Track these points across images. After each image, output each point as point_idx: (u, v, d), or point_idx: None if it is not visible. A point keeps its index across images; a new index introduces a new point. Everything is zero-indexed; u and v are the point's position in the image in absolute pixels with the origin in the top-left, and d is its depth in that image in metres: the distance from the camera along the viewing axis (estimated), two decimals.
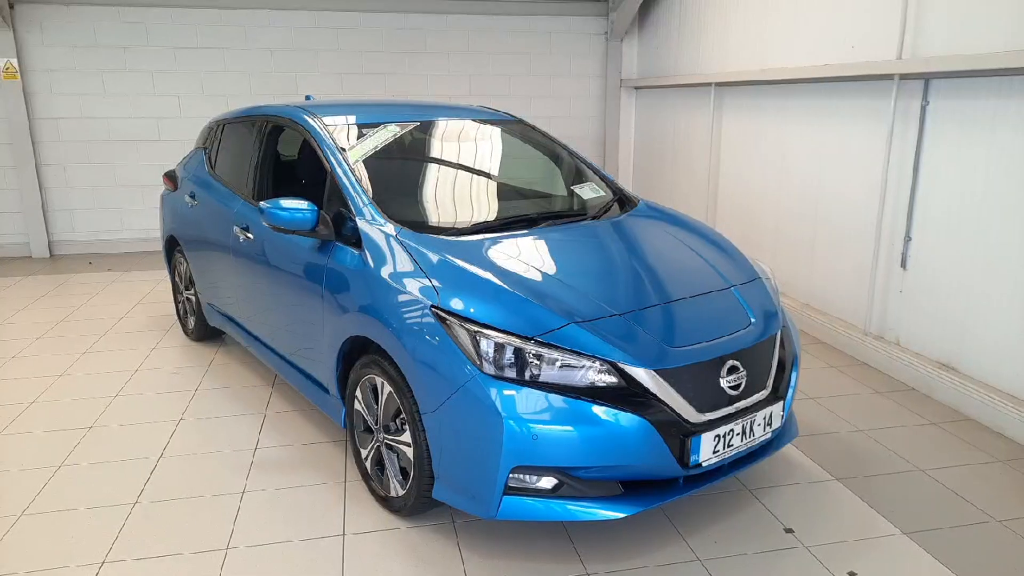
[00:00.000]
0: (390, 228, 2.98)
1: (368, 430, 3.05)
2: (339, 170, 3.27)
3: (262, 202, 3.20)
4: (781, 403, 2.78)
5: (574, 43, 8.33)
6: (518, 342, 2.45)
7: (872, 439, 3.59)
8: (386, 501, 2.93)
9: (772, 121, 5.70)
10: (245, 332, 4.13)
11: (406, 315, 2.67)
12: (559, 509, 2.45)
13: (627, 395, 2.44)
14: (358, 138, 3.50)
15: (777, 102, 5.62)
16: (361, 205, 3.11)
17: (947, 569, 2.61)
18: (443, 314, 2.56)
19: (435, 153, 3.75)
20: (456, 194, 3.52)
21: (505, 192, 3.75)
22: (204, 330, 4.85)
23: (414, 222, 3.09)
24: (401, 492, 2.85)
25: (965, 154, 3.96)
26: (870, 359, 4.60)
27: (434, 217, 3.30)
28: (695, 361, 2.54)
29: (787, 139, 5.51)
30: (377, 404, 2.93)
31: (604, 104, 8.49)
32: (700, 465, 2.53)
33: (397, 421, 2.83)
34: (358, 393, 3.04)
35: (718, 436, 2.54)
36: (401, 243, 2.90)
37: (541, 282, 2.71)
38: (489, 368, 2.44)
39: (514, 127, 4.12)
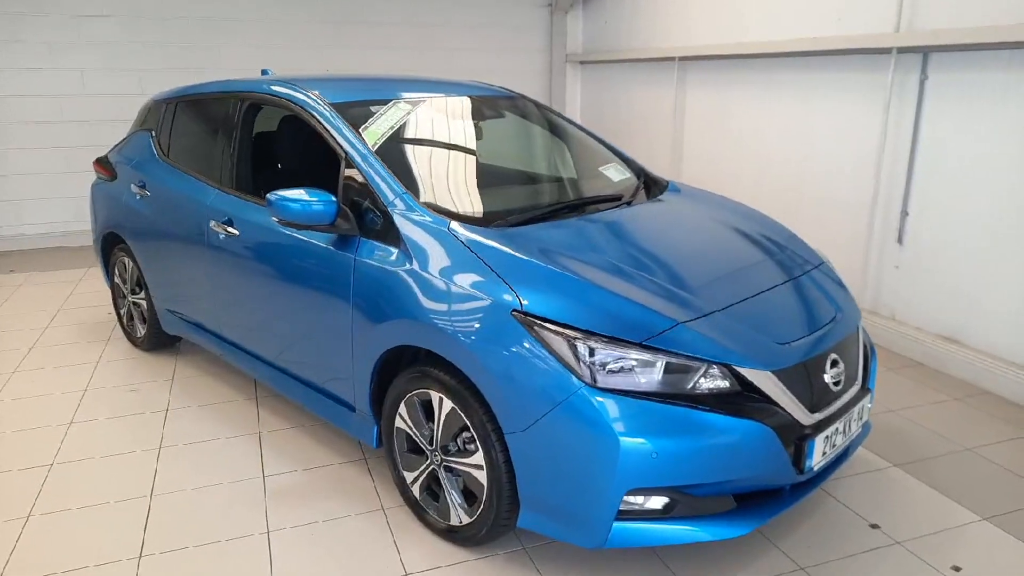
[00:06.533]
0: (436, 220, 2.60)
1: (415, 451, 2.68)
2: (358, 156, 2.83)
3: (269, 194, 2.73)
4: (869, 395, 2.64)
5: (518, 15, 7.98)
6: (625, 349, 2.16)
7: (905, 419, 3.54)
8: (450, 532, 2.58)
9: (746, 97, 5.60)
10: (224, 343, 3.61)
11: (477, 321, 2.32)
12: (677, 532, 2.19)
13: (743, 400, 2.21)
14: (368, 118, 3.07)
15: (753, 76, 5.52)
16: (391, 195, 2.70)
17: None
18: (530, 319, 2.23)
19: (451, 133, 3.35)
20: (486, 179, 3.16)
21: (536, 176, 3.42)
22: (158, 339, 4.25)
23: (452, 212, 2.71)
24: (467, 520, 2.51)
25: (967, 128, 3.96)
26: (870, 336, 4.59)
27: (474, 205, 2.93)
28: (806, 358, 2.34)
29: (764, 115, 5.43)
30: (431, 422, 2.56)
31: (550, 80, 8.21)
32: (812, 469, 2.34)
33: (459, 441, 2.48)
34: (402, 410, 2.65)
35: (827, 437, 2.36)
36: (455, 237, 2.53)
37: (627, 277, 2.42)
38: (594, 379, 2.14)
39: (528, 104, 3.78)
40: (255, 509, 2.83)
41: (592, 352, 2.16)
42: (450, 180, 3.03)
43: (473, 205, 2.92)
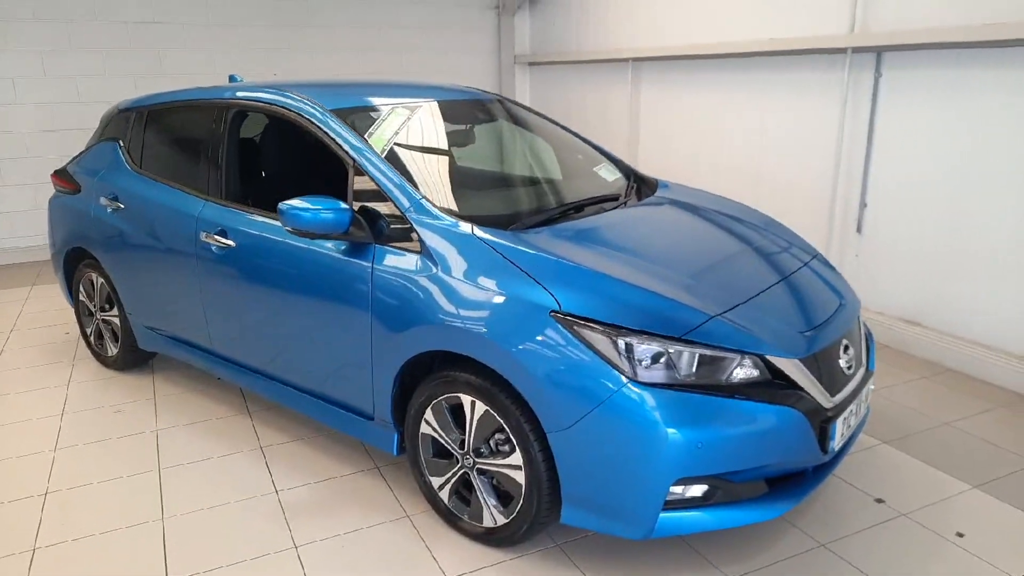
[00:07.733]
0: (458, 224, 2.61)
1: (442, 455, 2.69)
2: (369, 163, 2.81)
3: (281, 203, 2.68)
4: (872, 377, 2.80)
5: (465, 17, 7.99)
6: (665, 344, 2.23)
7: (883, 399, 3.75)
8: (488, 534, 2.60)
9: (704, 97, 5.79)
10: (215, 358, 3.50)
11: (513, 324, 2.35)
12: (717, 519, 2.28)
13: (774, 388, 2.31)
14: (368, 124, 3.04)
15: (710, 76, 5.71)
16: (407, 202, 2.70)
17: None
18: (569, 319, 2.28)
19: (451, 137, 3.35)
20: (491, 182, 3.19)
21: (536, 178, 3.45)
22: (132, 357, 4.09)
23: (468, 216, 2.71)
24: (504, 521, 2.53)
25: (919, 122, 4.22)
26: None
27: (489, 208, 2.94)
28: (825, 344, 2.47)
29: (723, 114, 5.62)
30: (461, 426, 2.58)
31: (499, 81, 8.25)
32: (834, 450, 2.47)
33: (492, 443, 2.51)
34: (428, 416, 2.66)
35: (844, 418, 2.49)
36: (480, 240, 2.55)
37: (653, 274, 2.49)
38: (638, 375, 2.20)
39: (514, 107, 3.82)
40: (277, 525, 2.77)
41: (632, 348, 2.22)
42: (460, 184, 3.04)
43: (488, 208, 2.94)
